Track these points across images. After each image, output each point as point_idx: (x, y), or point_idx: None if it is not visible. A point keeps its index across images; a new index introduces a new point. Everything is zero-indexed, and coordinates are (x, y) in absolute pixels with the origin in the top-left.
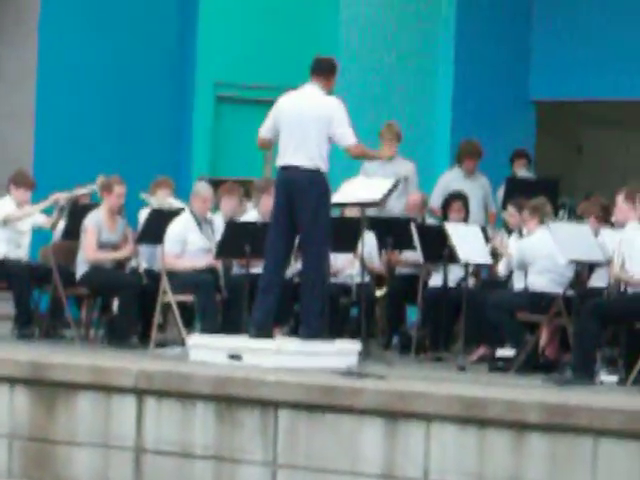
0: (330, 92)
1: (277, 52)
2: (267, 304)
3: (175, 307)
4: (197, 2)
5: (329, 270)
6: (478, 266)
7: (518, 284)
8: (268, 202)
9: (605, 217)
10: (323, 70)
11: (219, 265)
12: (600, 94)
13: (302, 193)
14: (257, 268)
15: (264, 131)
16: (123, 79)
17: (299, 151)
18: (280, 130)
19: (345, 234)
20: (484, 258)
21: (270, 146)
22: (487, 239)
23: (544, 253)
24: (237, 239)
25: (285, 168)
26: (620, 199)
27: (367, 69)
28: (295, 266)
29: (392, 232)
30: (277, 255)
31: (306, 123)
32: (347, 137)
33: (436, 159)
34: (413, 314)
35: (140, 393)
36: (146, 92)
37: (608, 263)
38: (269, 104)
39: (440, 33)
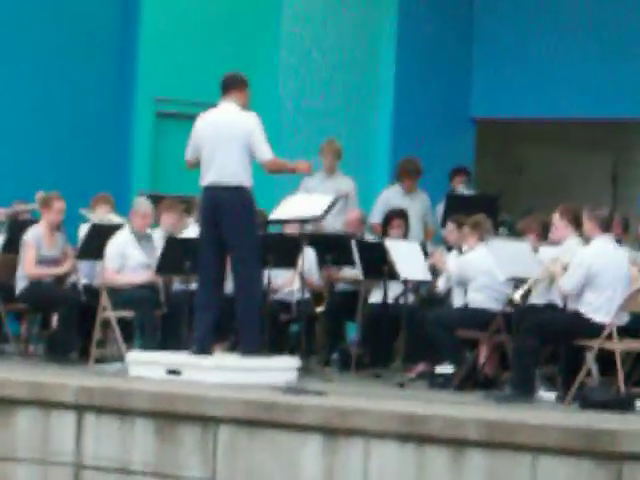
0: (245, 106)
1: (217, 68)
2: (205, 321)
3: (115, 323)
4: (138, 18)
5: (266, 286)
6: (418, 283)
7: (457, 301)
8: None
9: (545, 234)
10: (234, 85)
11: (159, 281)
12: (539, 113)
13: (227, 211)
14: (197, 284)
15: (188, 154)
16: (63, 94)
17: (221, 169)
18: (201, 150)
19: (285, 250)
20: (423, 275)
21: (198, 167)
22: (427, 256)
23: (483, 270)
24: (177, 255)
25: (209, 187)
26: (556, 217)
27: (306, 86)
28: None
29: (332, 248)
30: (210, 273)
31: (225, 141)
32: (264, 152)
33: (376, 176)
34: (353, 331)
35: (80, 409)
36: (86, 108)
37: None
38: None
39: (381, 50)
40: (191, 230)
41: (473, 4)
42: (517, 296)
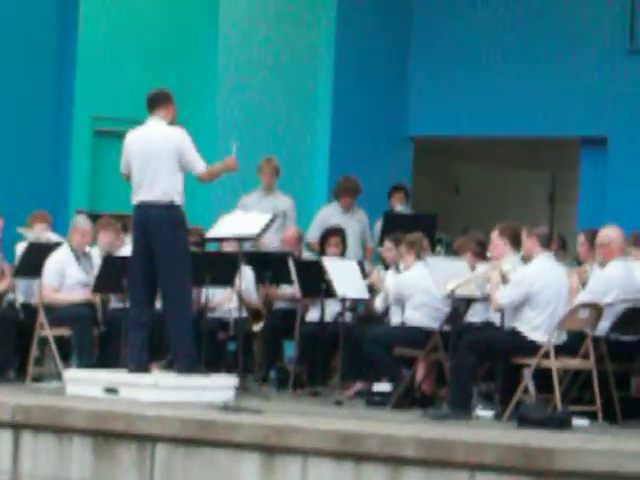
0: (173, 121)
1: (155, 86)
2: (139, 339)
3: (52, 341)
4: (75, 36)
5: (192, 302)
6: (355, 301)
7: (395, 319)
8: None
9: (481, 252)
10: (160, 102)
11: (97, 299)
12: (476, 131)
13: (157, 229)
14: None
15: (122, 167)
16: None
17: (152, 187)
18: (131, 167)
19: (222, 268)
20: (361, 293)
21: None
22: (364, 274)
23: (421, 288)
24: (114, 273)
25: (139, 206)
26: (495, 235)
27: (244, 104)
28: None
29: (270, 266)
30: (140, 292)
31: (154, 158)
32: (197, 165)
33: (314, 194)
34: (290, 349)
35: (16, 427)
36: (24, 126)
37: (485, 298)
38: None
39: (319, 70)
40: (128, 248)
41: (410, 25)
42: (450, 286)
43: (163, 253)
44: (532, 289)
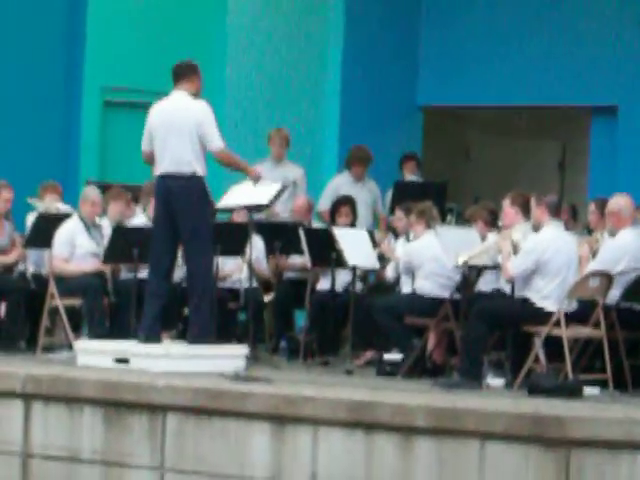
0: (197, 93)
1: (164, 57)
2: (154, 309)
3: (63, 311)
4: (85, 6)
5: (214, 273)
6: (365, 270)
7: (405, 288)
8: None
9: (492, 222)
10: (185, 74)
11: (107, 269)
12: (486, 100)
13: (180, 199)
14: (145, 273)
15: (144, 145)
16: (9, 83)
17: (174, 158)
18: (154, 140)
19: (233, 238)
20: (372, 262)
21: (154, 158)
22: (375, 243)
23: (431, 257)
24: (125, 244)
25: (162, 176)
26: (506, 204)
27: (254, 74)
28: (182, 270)
29: (280, 236)
30: (161, 261)
31: (177, 129)
32: (214, 140)
33: (325, 164)
34: (301, 318)
35: (27, 398)
36: (34, 97)
37: (495, 267)
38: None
39: (328, 40)
40: (138, 219)
41: None
42: (462, 259)
43: (185, 224)
44: (542, 257)
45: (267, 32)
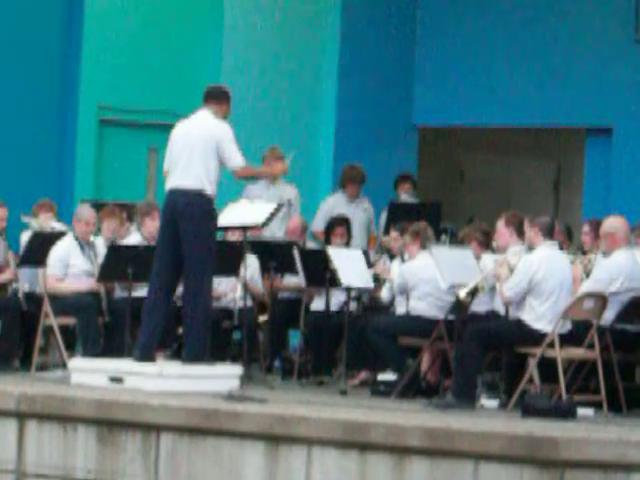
0: (224, 118)
1: (160, 76)
2: (151, 327)
3: (57, 330)
4: (81, 24)
5: (212, 293)
6: (360, 290)
7: (400, 309)
8: (151, 225)
9: (487, 242)
10: (213, 96)
11: (101, 288)
12: (481, 121)
13: (184, 216)
14: (140, 291)
15: (165, 164)
16: (5, 101)
17: (185, 173)
18: (171, 155)
19: (228, 257)
20: (366, 282)
21: None
22: (369, 263)
23: (425, 277)
24: (120, 262)
25: (170, 191)
26: (501, 224)
27: (250, 93)
28: (178, 289)
29: (275, 256)
30: (162, 277)
31: (193, 145)
32: (233, 158)
33: (319, 183)
34: (295, 338)
35: (21, 416)
36: (29, 115)
37: (490, 288)
38: (152, 127)
39: (324, 58)
40: (133, 237)
41: (417, 13)
42: (463, 293)
43: (188, 240)
44: (535, 277)
45: (262, 50)
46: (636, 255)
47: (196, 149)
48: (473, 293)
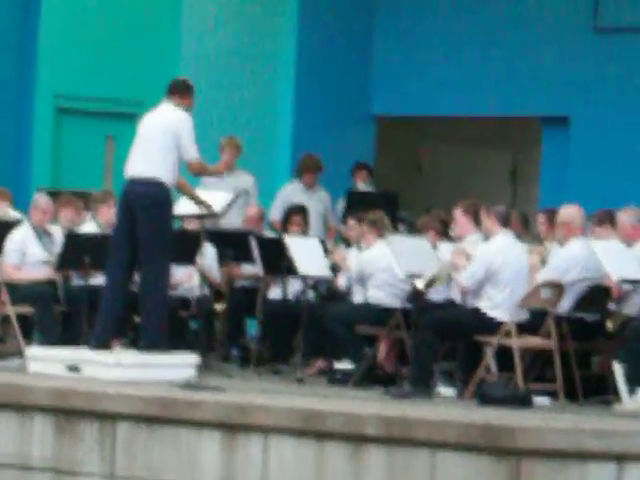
0: (187, 111)
1: (118, 64)
2: (108, 316)
3: (14, 319)
4: (38, 13)
5: (169, 282)
6: (317, 279)
7: (357, 297)
8: (107, 213)
9: (444, 231)
10: (177, 90)
11: (58, 277)
12: (439, 110)
13: (140, 204)
14: (97, 280)
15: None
16: None
17: (143, 162)
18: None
19: (184, 246)
20: (323, 271)
21: None
22: (326, 252)
23: (383, 266)
24: (77, 251)
25: (128, 180)
26: (458, 213)
27: (208, 83)
28: (136, 277)
29: (232, 245)
30: (119, 267)
31: (152, 135)
32: (189, 151)
33: (277, 172)
34: (252, 327)
35: None
36: None
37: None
38: (109, 116)
39: (282, 48)
40: (88, 226)
41: (375, 3)
42: (420, 284)
43: (144, 229)
44: (492, 267)
45: (220, 39)
46: (592, 244)
47: (155, 139)
48: (430, 284)
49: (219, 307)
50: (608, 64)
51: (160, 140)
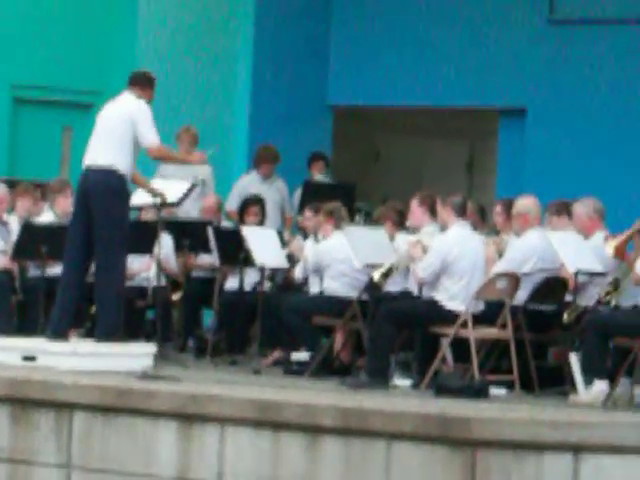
0: (147, 103)
1: (75, 55)
2: (64, 306)
3: None
4: None
5: (125, 272)
6: (274, 270)
7: (314, 288)
8: (63, 203)
9: (401, 222)
10: (138, 82)
11: (15, 266)
12: (395, 101)
13: (96, 193)
14: (54, 269)
15: None
16: None
17: (99, 151)
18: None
19: (141, 236)
20: (280, 262)
21: None
22: (283, 243)
23: (340, 257)
24: (33, 240)
25: (85, 168)
26: (414, 204)
27: (165, 73)
28: (91, 267)
29: (189, 235)
30: (75, 257)
31: (110, 124)
32: (147, 137)
33: (234, 163)
34: (209, 317)
35: None
36: None
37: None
38: (66, 106)
39: (239, 38)
40: (45, 215)
41: None
42: (377, 275)
43: (99, 219)
44: (448, 258)
45: (177, 29)
46: (548, 235)
47: (112, 128)
48: (387, 275)
49: (176, 297)
50: (564, 56)
51: (119, 130)
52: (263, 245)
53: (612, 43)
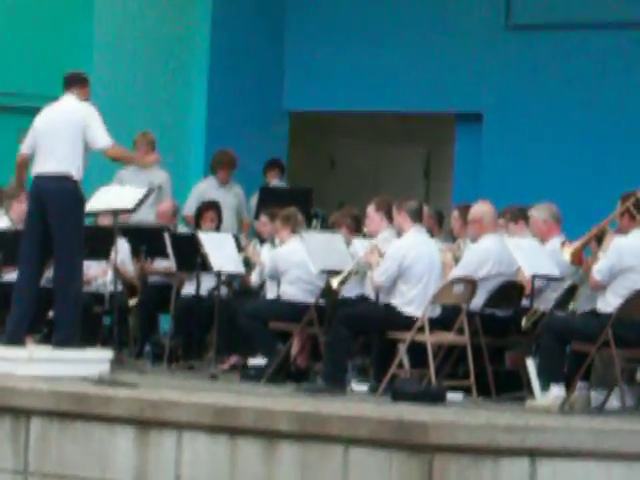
0: (86, 101)
1: (30, 59)
2: (20, 312)
3: None
4: None
5: (82, 277)
6: (231, 275)
7: (270, 293)
8: (18, 209)
9: (357, 227)
10: (74, 82)
11: None
12: (352, 106)
13: (51, 200)
14: (8, 276)
15: (24, 147)
16: None
17: (50, 158)
18: (37, 141)
19: (98, 242)
20: (237, 267)
21: (27, 163)
22: (240, 248)
23: (296, 262)
24: None
25: (37, 176)
26: (371, 210)
27: (122, 78)
28: (48, 272)
29: (145, 240)
30: (30, 263)
31: (57, 129)
32: (100, 139)
33: (191, 168)
34: (166, 323)
35: None
36: None
37: (358, 273)
38: (21, 110)
39: (195, 43)
40: (1, 221)
41: None
42: (335, 283)
43: (55, 224)
44: (404, 263)
45: (133, 33)
46: (504, 240)
47: (61, 133)
48: (344, 281)
49: (132, 303)
50: (521, 61)
51: (68, 135)
52: (220, 250)
53: (568, 48)
